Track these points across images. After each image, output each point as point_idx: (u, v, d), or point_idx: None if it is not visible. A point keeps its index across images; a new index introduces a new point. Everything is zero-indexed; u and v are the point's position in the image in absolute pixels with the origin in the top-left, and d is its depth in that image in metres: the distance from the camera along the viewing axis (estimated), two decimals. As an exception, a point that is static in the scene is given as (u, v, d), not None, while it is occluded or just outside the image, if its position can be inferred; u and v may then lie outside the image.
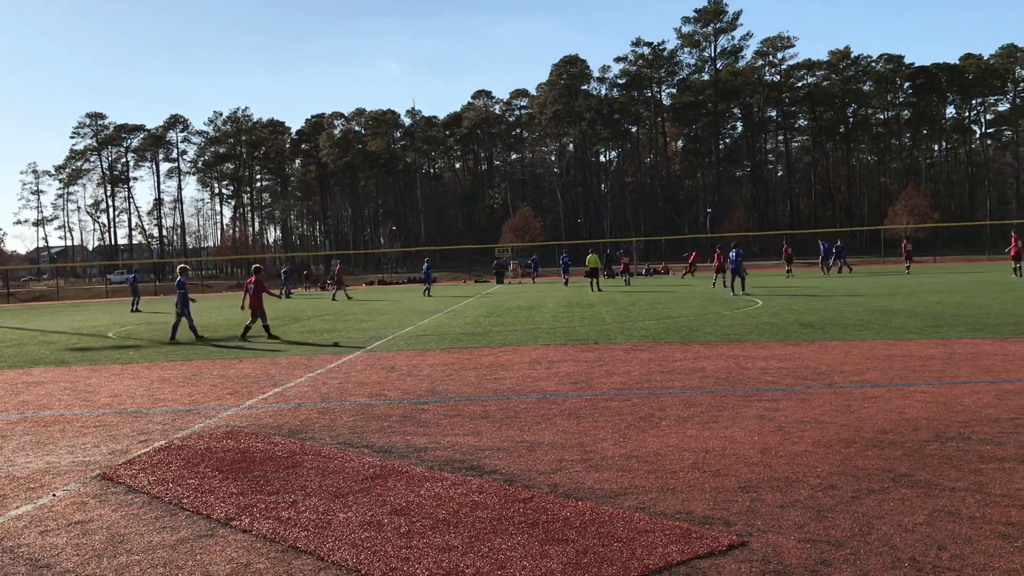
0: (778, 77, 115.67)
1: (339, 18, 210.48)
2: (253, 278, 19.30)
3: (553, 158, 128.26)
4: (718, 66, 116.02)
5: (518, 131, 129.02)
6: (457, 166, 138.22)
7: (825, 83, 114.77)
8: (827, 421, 7.48)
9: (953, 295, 23.95)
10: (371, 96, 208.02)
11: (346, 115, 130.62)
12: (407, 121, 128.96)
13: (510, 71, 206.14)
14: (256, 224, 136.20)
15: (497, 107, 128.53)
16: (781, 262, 48.59)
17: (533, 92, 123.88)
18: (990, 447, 6.30)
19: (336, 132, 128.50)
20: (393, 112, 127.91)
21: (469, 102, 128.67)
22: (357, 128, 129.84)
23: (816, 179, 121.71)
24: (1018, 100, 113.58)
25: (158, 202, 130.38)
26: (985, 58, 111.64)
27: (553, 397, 9.36)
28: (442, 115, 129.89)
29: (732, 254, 29.66)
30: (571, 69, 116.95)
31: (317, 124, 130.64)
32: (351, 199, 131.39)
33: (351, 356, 14.39)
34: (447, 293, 43.21)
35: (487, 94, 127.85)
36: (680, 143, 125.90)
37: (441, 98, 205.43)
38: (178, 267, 20.34)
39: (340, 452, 7.04)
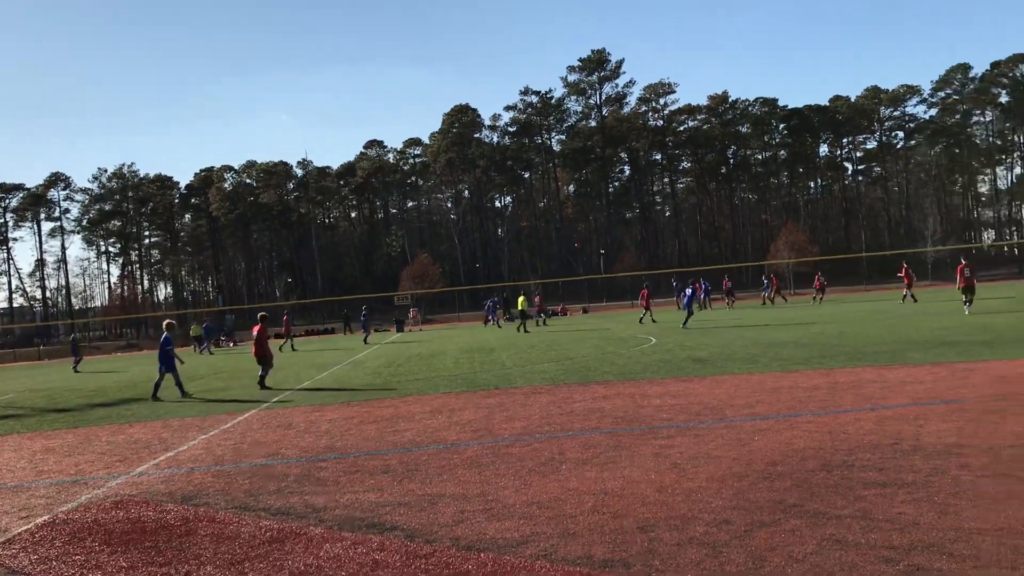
0: (661, 122, 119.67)
1: (228, 71, 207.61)
2: (259, 326, 19.40)
3: (449, 205, 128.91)
4: (604, 113, 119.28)
5: (413, 179, 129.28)
6: (353, 215, 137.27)
7: (706, 126, 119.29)
8: (720, 455, 7.69)
9: (835, 325, 25.01)
10: (262, 148, 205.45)
11: (237, 168, 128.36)
12: (300, 172, 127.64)
13: (402, 120, 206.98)
14: (145, 282, 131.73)
15: (391, 156, 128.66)
16: (722, 295, 51.25)
17: (426, 140, 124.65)
18: (872, 473, 6.60)
19: (227, 185, 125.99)
20: (285, 163, 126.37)
21: (362, 151, 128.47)
22: (248, 181, 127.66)
23: (701, 218, 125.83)
24: (884, 138, 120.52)
25: (40, 263, 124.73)
26: (852, 99, 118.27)
27: (455, 447, 9.33)
28: (336, 165, 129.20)
29: (688, 290, 32.02)
30: (463, 118, 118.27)
31: (207, 178, 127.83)
32: (244, 252, 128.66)
33: (247, 415, 14.02)
34: (345, 344, 42.57)
35: (380, 143, 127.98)
36: (571, 187, 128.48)
37: (334, 148, 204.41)
38: (164, 323, 19.88)
39: (236, 517, 6.84)
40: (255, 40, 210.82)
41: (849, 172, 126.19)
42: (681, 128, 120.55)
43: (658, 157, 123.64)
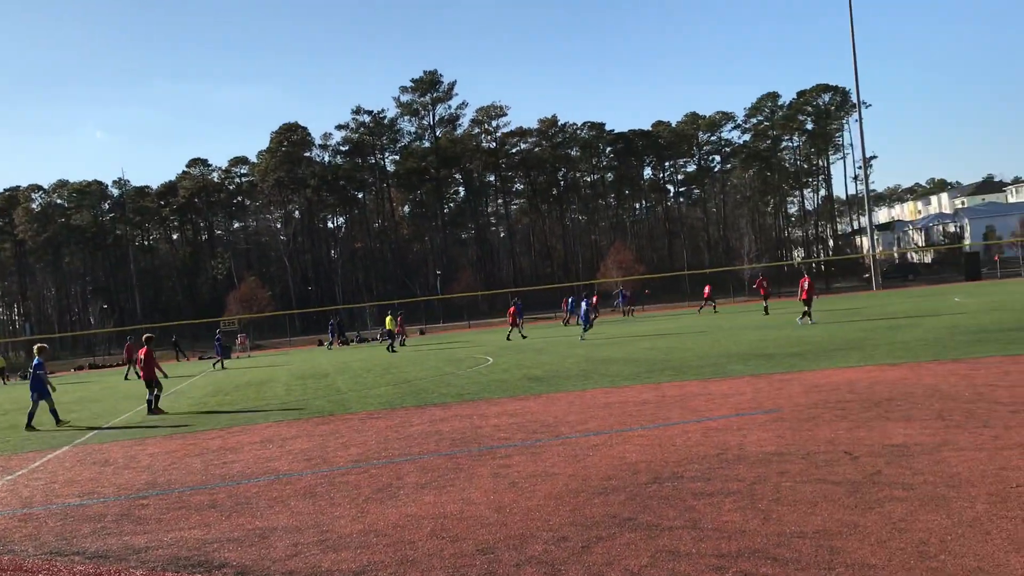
0: (494, 144, 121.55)
1: (37, 85, 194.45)
2: (146, 348, 18.67)
3: (279, 225, 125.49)
4: (438, 134, 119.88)
5: (240, 199, 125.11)
6: (175, 237, 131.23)
7: (537, 149, 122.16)
8: (557, 472, 7.78)
9: (663, 340, 26.03)
10: (75, 167, 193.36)
11: (46, 187, 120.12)
12: (116, 192, 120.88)
13: (228, 139, 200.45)
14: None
15: (216, 175, 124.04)
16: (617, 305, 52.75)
17: (254, 159, 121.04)
18: (700, 484, 6.84)
19: (35, 206, 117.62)
20: (100, 183, 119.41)
21: (185, 171, 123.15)
22: (59, 201, 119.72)
23: (535, 239, 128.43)
24: (702, 161, 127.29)
25: None
26: (673, 125, 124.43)
27: (287, 477, 9.00)
28: (156, 184, 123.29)
29: (584, 304, 33.62)
30: (292, 136, 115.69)
31: (12, 198, 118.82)
32: (54, 277, 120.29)
33: (59, 452, 13.01)
34: (174, 372, 40.49)
35: (204, 162, 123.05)
36: (406, 208, 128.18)
37: (154, 167, 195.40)
38: (35, 347, 18.35)
39: (46, 563, 6.30)
40: (65, 53, 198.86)
41: (671, 194, 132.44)
42: (514, 150, 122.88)
43: (492, 178, 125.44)
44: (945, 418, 8.69)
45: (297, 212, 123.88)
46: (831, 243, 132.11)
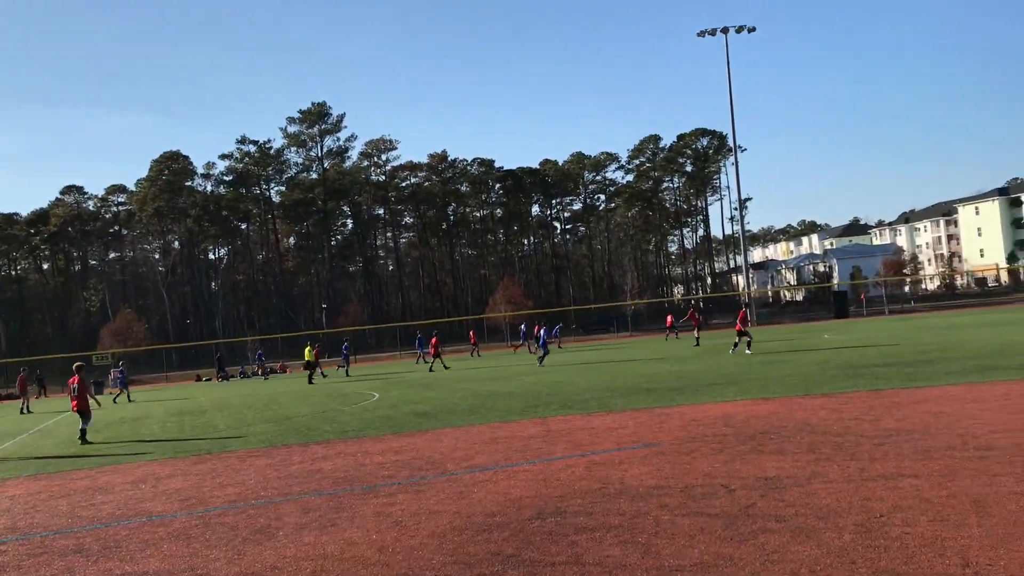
0: (383, 177, 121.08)
1: None
2: (77, 376, 18.17)
3: (157, 256, 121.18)
4: (325, 165, 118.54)
5: (116, 228, 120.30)
6: (45, 267, 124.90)
7: (427, 183, 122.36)
8: (441, 510, 7.71)
9: (548, 376, 26.26)
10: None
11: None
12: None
13: (105, 166, 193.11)
14: None
15: (91, 203, 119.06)
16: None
17: (132, 188, 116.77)
18: (583, 518, 6.91)
19: None
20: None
21: (58, 198, 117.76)
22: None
23: (424, 273, 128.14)
24: (587, 200, 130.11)
25: None
26: (560, 163, 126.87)
27: (160, 519, 8.62)
28: (25, 212, 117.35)
29: (542, 332, 34.94)
30: (173, 165, 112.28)
31: None
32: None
33: (-96, 497, 12.09)
34: (38, 408, 38.31)
35: (79, 189, 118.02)
36: (292, 239, 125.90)
37: (23, 194, 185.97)
38: None
39: None
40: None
41: (558, 231, 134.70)
42: (403, 184, 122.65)
43: (381, 211, 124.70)
44: (815, 451, 9.05)
45: (177, 243, 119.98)
46: (709, 281, 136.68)
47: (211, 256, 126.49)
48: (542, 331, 35.21)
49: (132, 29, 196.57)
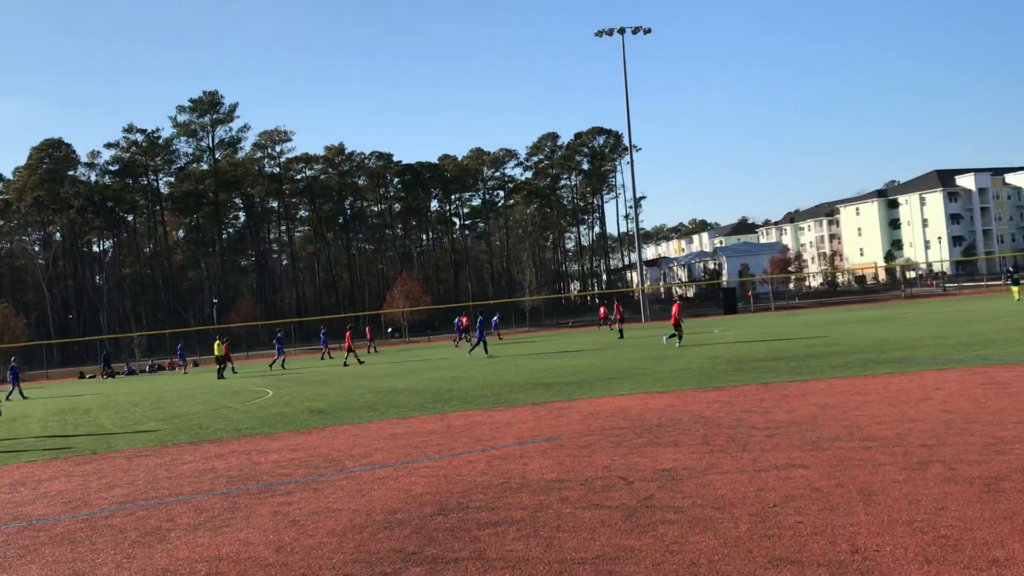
0: (278, 169, 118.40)
1: None
2: None
3: (37, 248, 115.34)
4: (217, 156, 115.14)
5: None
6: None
7: (323, 176, 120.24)
8: (340, 508, 7.58)
9: (448, 371, 26.20)
10: None
11: None
12: None
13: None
14: None
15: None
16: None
17: (9, 176, 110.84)
18: (486, 513, 6.90)
19: None
20: None
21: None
22: None
23: (320, 267, 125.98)
24: (486, 196, 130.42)
25: None
26: (459, 159, 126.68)
27: (41, 522, 8.19)
28: None
29: (479, 321, 36.18)
30: (54, 153, 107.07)
31: None
32: None
33: None
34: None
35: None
36: (181, 232, 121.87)
37: None
38: None
39: None
40: None
41: (457, 226, 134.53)
42: (298, 177, 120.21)
43: (275, 204, 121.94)
44: (709, 443, 9.29)
45: (58, 234, 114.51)
46: (604, 277, 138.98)
47: (95, 249, 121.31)
48: (479, 322, 36.58)
49: (7, 10, 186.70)
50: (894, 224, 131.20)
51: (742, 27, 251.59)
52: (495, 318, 62.78)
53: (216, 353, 37.91)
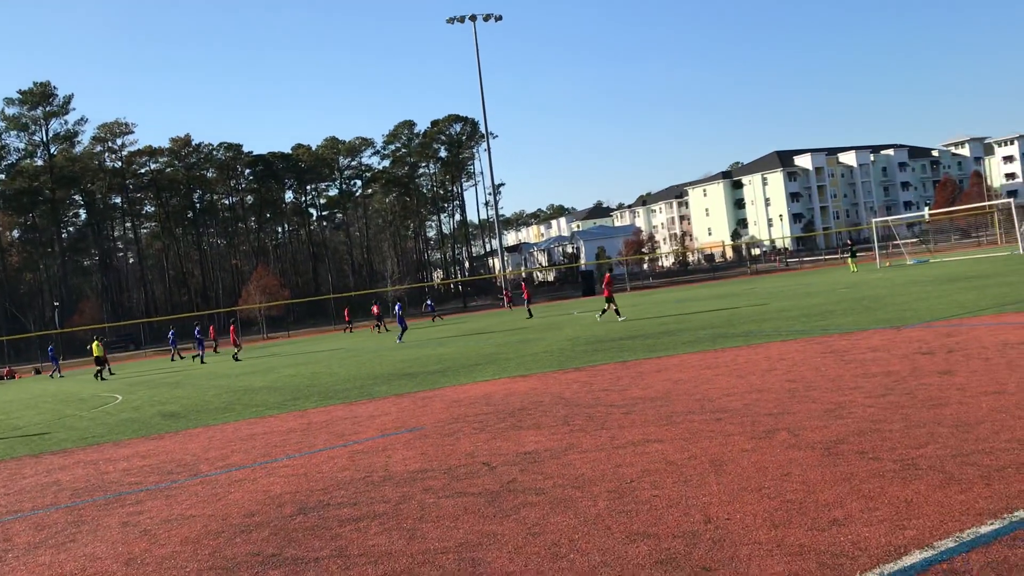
0: (120, 163, 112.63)
1: None
2: None
3: None
4: (52, 151, 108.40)
5: None
6: None
7: (169, 169, 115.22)
8: (195, 514, 7.29)
9: (307, 367, 25.67)
10: None
11: None
12: None
13: None
14: None
15: None
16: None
17: None
18: (347, 509, 6.78)
19: None
20: None
21: None
22: None
23: (169, 265, 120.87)
24: (344, 186, 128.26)
25: None
26: (314, 148, 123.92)
27: None
28: None
29: (397, 308, 37.53)
30: None
31: None
32: None
33: None
34: None
35: None
36: (16, 232, 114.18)
37: None
38: None
39: None
40: None
41: (314, 217, 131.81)
42: (142, 171, 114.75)
43: (118, 200, 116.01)
44: (570, 423, 9.45)
45: None
46: (467, 264, 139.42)
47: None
48: (397, 308, 37.56)
49: None
50: (739, 204, 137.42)
51: (593, 14, 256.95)
52: (429, 301, 63.19)
53: (96, 354, 35.90)
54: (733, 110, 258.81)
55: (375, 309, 54.28)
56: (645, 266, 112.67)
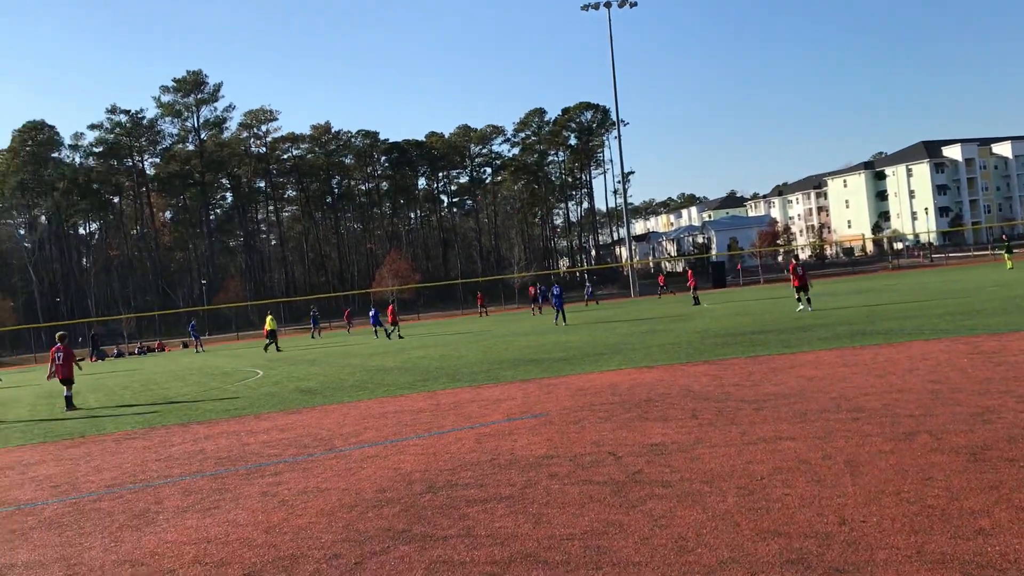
0: (264, 149, 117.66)
1: None
2: (60, 345, 18.88)
3: (23, 232, 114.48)
4: (203, 136, 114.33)
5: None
6: None
7: (310, 155, 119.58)
8: (329, 487, 7.56)
9: (436, 349, 26.20)
10: None
11: None
12: None
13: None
14: None
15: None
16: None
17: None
18: (474, 491, 6.89)
19: None
20: None
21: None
22: None
23: (308, 247, 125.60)
24: (474, 173, 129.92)
25: None
26: (446, 136, 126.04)
27: (29, 507, 8.15)
28: None
29: (555, 289, 35.75)
30: (38, 135, 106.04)
31: None
32: None
33: None
34: None
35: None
36: (168, 214, 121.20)
37: None
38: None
39: None
40: None
41: (445, 204, 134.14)
42: (285, 156, 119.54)
43: (262, 184, 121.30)
44: (698, 417, 9.30)
45: (44, 217, 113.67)
46: (593, 253, 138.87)
47: (82, 231, 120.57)
48: (556, 290, 36.42)
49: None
50: (881, 196, 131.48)
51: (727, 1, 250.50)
52: (588, 285, 63.33)
53: (269, 327, 38.03)
54: (876, 98, 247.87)
55: (532, 291, 55.36)
56: (780, 259, 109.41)
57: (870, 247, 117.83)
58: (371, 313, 43.97)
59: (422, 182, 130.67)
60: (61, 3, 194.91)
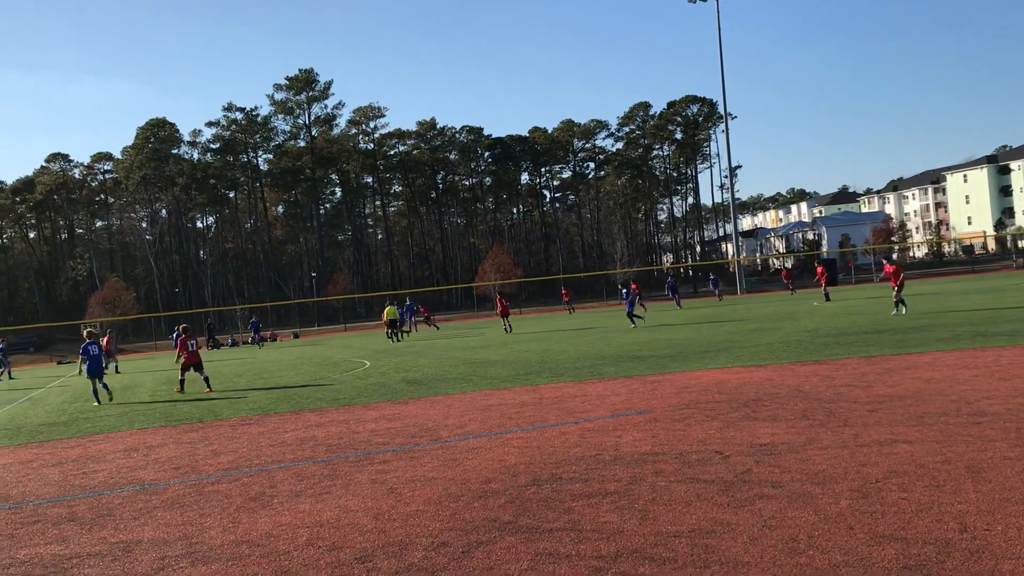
0: (372, 145, 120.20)
1: None
2: (184, 336, 20.54)
3: (145, 225, 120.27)
4: (313, 133, 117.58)
5: (103, 196, 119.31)
6: (31, 236, 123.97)
7: (415, 151, 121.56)
8: (436, 477, 7.70)
9: (538, 344, 26.29)
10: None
11: None
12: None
13: (89, 133, 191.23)
14: None
15: (77, 171, 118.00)
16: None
17: (118, 155, 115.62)
18: (579, 485, 6.90)
19: None
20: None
21: (43, 166, 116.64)
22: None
23: (413, 241, 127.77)
24: (577, 168, 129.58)
25: None
26: (549, 131, 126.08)
27: (153, 487, 8.58)
28: (10, 180, 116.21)
29: (624, 292, 35.26)
30: (159, 132, 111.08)
31: None
32: None
33: None
34: (28, 377, 38.17)
35: (64, 157, 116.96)
36: (280, 208, 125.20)
37: (8, 162, 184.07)
38: (85, 331, 20.86)
39: None
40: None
41: (547, 199, 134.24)
42: (391, 152, 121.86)
43: (369, 180, 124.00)
44: (809, 417, 9.07)
45: (164, 211, 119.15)
46: (698, 249, 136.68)
47: (199, 225, 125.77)
48: (624, 292, 35.20)
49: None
50: (1005, 191, 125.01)
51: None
52: (713, 277, 62.22)
53: (390, 317, 39.34)
54: (999, 88, 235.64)
55: (634, 287, 54.88)
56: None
57: (992, 245, 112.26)
58: (407, 305, 45.62)
59: (525, 177, 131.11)
60: (179, 6, 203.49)
